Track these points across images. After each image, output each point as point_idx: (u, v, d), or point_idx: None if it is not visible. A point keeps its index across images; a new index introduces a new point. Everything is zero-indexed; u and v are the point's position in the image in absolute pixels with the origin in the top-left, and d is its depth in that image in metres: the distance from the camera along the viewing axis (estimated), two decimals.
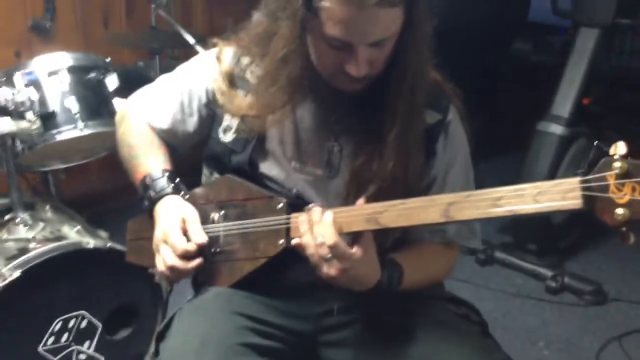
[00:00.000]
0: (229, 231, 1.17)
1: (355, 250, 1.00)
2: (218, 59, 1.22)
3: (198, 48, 2.11)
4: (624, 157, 0.81)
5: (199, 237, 1.12)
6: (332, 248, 0.98)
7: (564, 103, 2.60)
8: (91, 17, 2.85)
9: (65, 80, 1.86)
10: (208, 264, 1.16)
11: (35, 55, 1.87)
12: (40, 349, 1.65)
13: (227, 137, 1.20)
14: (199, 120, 1.26)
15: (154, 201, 1.19)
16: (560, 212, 0.86)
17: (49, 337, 1.66)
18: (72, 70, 1.89)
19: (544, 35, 3.77)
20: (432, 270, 1.23)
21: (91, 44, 2.79)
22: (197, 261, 1.11)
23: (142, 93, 1.34)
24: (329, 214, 1.00)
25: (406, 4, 1.01)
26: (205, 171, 1.29)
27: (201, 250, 1.12)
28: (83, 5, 2.81)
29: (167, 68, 2.38)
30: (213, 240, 1.17)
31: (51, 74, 1.84)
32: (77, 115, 1.85)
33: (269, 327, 1.12)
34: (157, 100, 1.29)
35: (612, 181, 0.81)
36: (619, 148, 0.82)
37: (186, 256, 1.11)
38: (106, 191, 1.28)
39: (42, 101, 1.81)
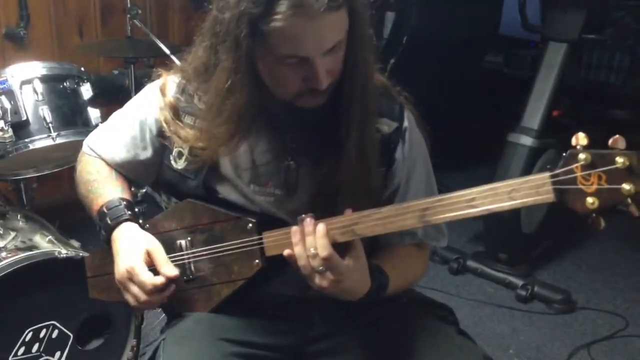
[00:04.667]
0: (198, 257, 1.15)
1: (347, 261, 0.98)
2: (162, 90, 1.21)
3: (173, 58, 2.11)
4: (586, 149, 0.83)
5: (169, 270, 1.10)
6: (326, 260, 0.96)
7: (534, 115, 2.63)
8: (66, 26, 2.82)
9: (38, 89, 1.86)
10: (181, 293, 1.14)
11: (9, 64, 1.86)
12: (10, 359, 1.63)
13: (179, 164, 1.18)
14: (154, 151, 1.25)
15: (111, 228, 1.17)
16: (534, 207, 0.89)
17: (20, 347, 1.64)
18: (45, 79, 1.88)
19: (515, 48, 3.82)
20: (410, 273, 1.23)
21: (66, 53, 2.77)
22: (170, 290, 1.11)
23: (97, 131, 1.34)
24: (322, 225, 0.98)
25: (348, 5, 1.00)
26: (163, 197, 1.28)
27: (172, 280, 1.11)
28: (58, 14, 2.78)
29: (142, 76, 2.43)
30: (183, 268, 1.14)
31: (24, 83, 1.84)
32: (50, 124, 1.85)
33: (254, 348, 1.12)
34: (110, 137, 1.29)
35: (579, 173, 0.83)
36: (580, 139, 0.84)
37: (157, 290, 1.10)
38: (79, 200, 1.27)
39: (15, 110, 1.80)
